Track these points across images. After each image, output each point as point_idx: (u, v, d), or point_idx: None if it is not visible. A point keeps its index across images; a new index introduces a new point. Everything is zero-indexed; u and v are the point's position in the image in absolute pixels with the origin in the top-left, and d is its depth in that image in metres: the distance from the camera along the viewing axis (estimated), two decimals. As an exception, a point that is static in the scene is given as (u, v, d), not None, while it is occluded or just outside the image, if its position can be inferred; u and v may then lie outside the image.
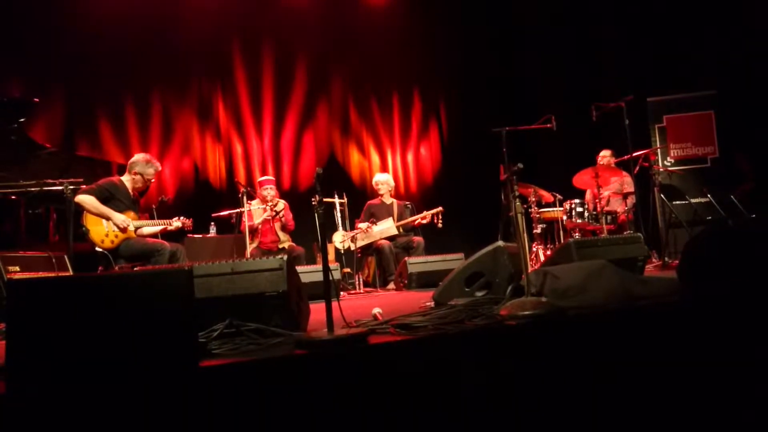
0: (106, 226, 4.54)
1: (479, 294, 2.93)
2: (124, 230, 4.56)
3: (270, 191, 5.94)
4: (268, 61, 8.10)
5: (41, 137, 5.85)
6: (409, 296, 4.52)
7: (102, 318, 1.72)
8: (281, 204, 5.94)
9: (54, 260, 4.63)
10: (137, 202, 4.89)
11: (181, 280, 1.79)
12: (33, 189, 4.91)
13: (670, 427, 2.06)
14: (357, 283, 5.98)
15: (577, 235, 6.12)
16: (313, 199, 2.27)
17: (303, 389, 1.76)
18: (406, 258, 5.52)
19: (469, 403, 1.91)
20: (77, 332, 1.71)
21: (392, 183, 6.61)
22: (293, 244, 5.96)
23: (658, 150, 7.38)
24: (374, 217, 6.23)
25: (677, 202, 6.92)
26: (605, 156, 6.47)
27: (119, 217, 4.55)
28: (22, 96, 5.86)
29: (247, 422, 1.68)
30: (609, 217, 5.96)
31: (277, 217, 5.85)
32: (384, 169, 8.53)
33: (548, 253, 6.06)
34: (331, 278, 2.11)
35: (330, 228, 6.25)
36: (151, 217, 5.27)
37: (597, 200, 5.88)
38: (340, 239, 6.18)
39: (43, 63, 6.59)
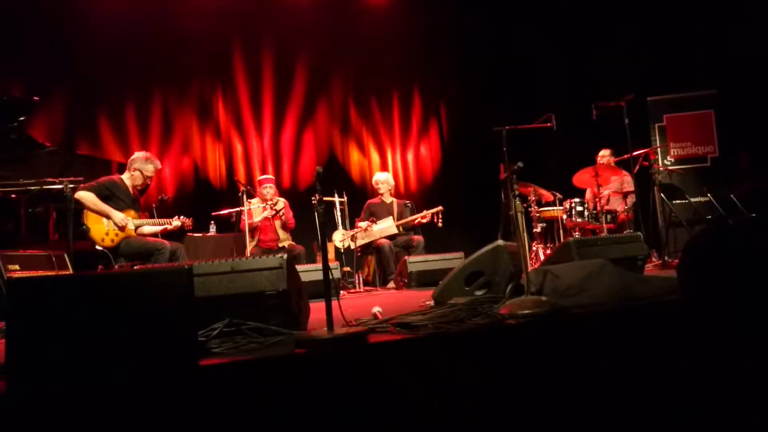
0: (106, 224, 4.54)
1: (479, 293, 2.93)
2: (122, 229, 4.56)
3: (269, 190, 5.94)
4: (268, 60, 8.10)
5: (41, 136, 5.86)
6: (408, 295, 4.51)
7: (102, 317, 1.72)
8: (281, 202, 5.94)
9: (54, 259, 4.63)
10: (137, 201, 4.89)
11: (181, 279, 1.79)
12: (33, 188, 4.91)
13: (670, 426, 2.06)
14: (357, 282, 5.98)
15: (577, 234, 6.12)
16: (313, 198, 2.27)
17: (303, 388, 1.77)
18: (406, 257, 5.52)
19: (469, 402, 1.91)
20: (77, 331, 1.71)
21: (392, 182, 6.60)
22: (293, 242, 5.96)
23: (658, 149, 7.38)
24: (374, 216, 6.23)
25: (677, 202, 6.92)
26: (605, 155, 6.46)
27: (118, 216, 4.55)
28: (23, 94, 5.86)
29: (247, 421, 1.68)
30: (609, 216, 5.96)
31: (277, 215, 5.85)
32: (384, 168, 8.53)
33: (548, 252, 6.06)
34: (331, 277, 2.11)
35: (330, 227, 6.26)
36: (151, 216, 5.26)
37: (597, 199, 5.88)
38: (340, 238, 6.18)
39: (43, 62, 6.59)
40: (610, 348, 2.14)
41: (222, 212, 6.06)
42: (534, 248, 6.23)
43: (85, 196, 4.50)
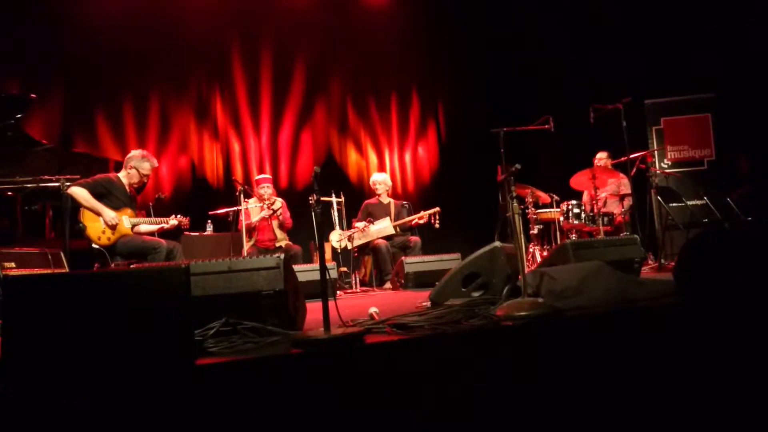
0: (103, 223, 4.53)
1: (476, 294, 2.94)
2: (113, 228, 4.53)
3: (267, 190, 5.93)
4: (267, 59, 8.09)
5: (38, 133, 5.84)
6: (405, 296, 4.52)
7: (98, 315, 1.72)
8: (279, 202, 5.94)
9: (50, 257, 4.62)
10: (134, 200, 4.88)
11: (178, 278, 1.79)
12: (29, 185, 4.90)
13: (666, 427, 2.07)
14: (354, 282, 5.98)
15: (573, 237, 6.13)
16: (310, 198, 2.28)
17: (299, 388, 1.76)
18: (403, 258, 5.52)
19: (465, 403, 1.91)
20: (73, 330, 1.70)
21: (389, 182, 6.61)
22: (290, 242, 5.96)
23: (656, 152, 7.39)
24: (371, 217, 6.23)
25: (674, 204, 6.93)
26: (602, 158, 6.48)
27: (109, 214, 4.53)
28: (20, 92, 5.85)
29: (243, 421, 1.68)
30: (606, 219, 5.96)
31: (275, 215, 5.85)
32: (381, 168, 8.53)
33: (545, 254, 6.07)
34: (327, 277, 2.11)
35: (327, 227, 6.25)
36: (148, 215, 5.26)
37: (594, 202, 5.89)
38: (337, 238, 6.17)
39: (41, 59, 6.57)
40: (607, 350, 2.14)
41: (219, 211, 6.06)
42: (531, 250, 6.23)
43: (78, 192, 4.49)
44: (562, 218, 6.23)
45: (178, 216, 4.93)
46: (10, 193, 4.85)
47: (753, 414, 2.03)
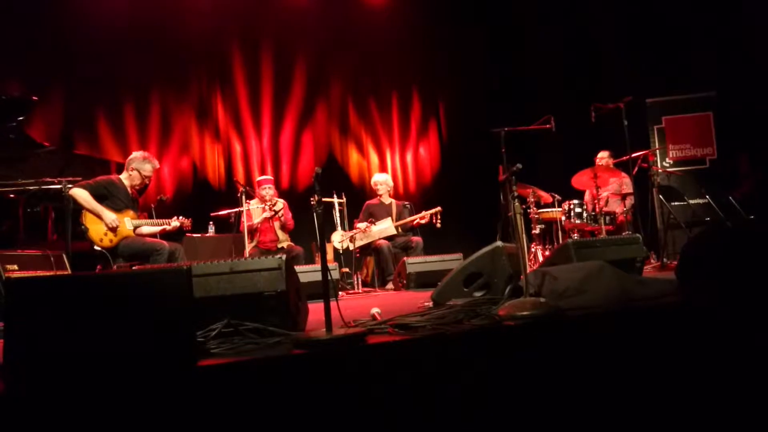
0: (105, 225, 4.54)
1: (478, 294, 2.93)
2: (113, 230, 4.53)
3: (268, 191, 5.94)
4: (268, 60, 8.10)
5: (40, 136, 5.85)
6: (407, 296, 4.52)
7: (100, 317, 1.72)
8: (280, 203, 5.94)
9: (52, 259, 4.62)
10: (136, 201, 4.88)
11: (180, 280, 1.79)
12: (31, 187, 4.91)
13: (668, 427, 2.06)
14: (355, 283, 5.98)
15: (575, 236, 6.12)
16: (311, 199, 2.27)
17: (301, 389, 1.76)
18: (405, 258, 5.53)
19: (467, 403, 1.91)
20: (75, 331, 1.71)
21: (391, 183, 6.61)
22: (292, 243, 5.96)
23: (657, 151, 7.38)
24: (373, 217, 6.23)
25: (676, 203, 6.92)
26: (603, 157, 6.47)
27: (109, 216, 4.53)
28: (21, 94, 5.85)
29: (245, 422, 1.68)
30: (608, 218, 5.96)
31: (276, 216, 5.85)
32: (383, 169, 8.53)
33: (547, 253, 6.06)
34: (329, 278, 2.11)
35: (329, 228, 6.25)
36: (150, 216, 5.26)
37: (596, 201, 5.88)
38: (338, 239, 6.18)
39: (42, 61, 6.58)
40: (609, 349, 2.14)
41: (221, 213, 6.06)
42: (533, 250, 6.23)
43: (79, 194, 4.49)
44: (563, 218, 6.22)
45: (180, 217, 4.93)
46: (12, 196, 4.85)
47: (754, 414, 2.03)
